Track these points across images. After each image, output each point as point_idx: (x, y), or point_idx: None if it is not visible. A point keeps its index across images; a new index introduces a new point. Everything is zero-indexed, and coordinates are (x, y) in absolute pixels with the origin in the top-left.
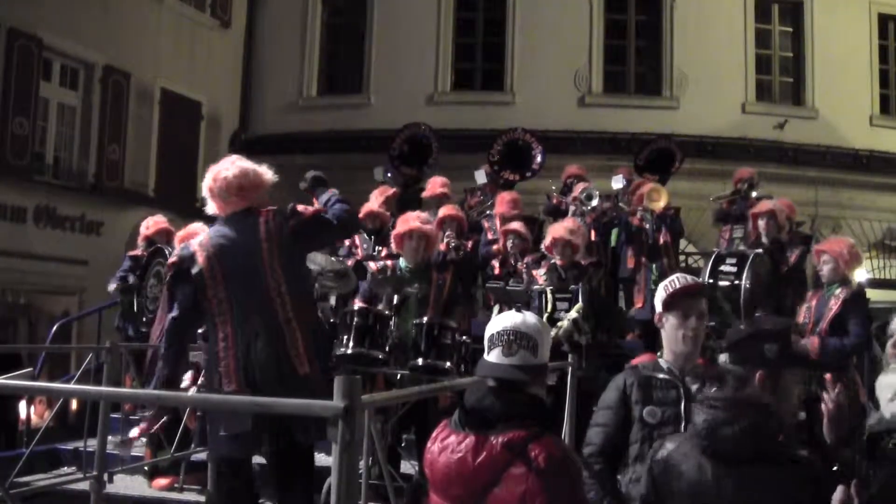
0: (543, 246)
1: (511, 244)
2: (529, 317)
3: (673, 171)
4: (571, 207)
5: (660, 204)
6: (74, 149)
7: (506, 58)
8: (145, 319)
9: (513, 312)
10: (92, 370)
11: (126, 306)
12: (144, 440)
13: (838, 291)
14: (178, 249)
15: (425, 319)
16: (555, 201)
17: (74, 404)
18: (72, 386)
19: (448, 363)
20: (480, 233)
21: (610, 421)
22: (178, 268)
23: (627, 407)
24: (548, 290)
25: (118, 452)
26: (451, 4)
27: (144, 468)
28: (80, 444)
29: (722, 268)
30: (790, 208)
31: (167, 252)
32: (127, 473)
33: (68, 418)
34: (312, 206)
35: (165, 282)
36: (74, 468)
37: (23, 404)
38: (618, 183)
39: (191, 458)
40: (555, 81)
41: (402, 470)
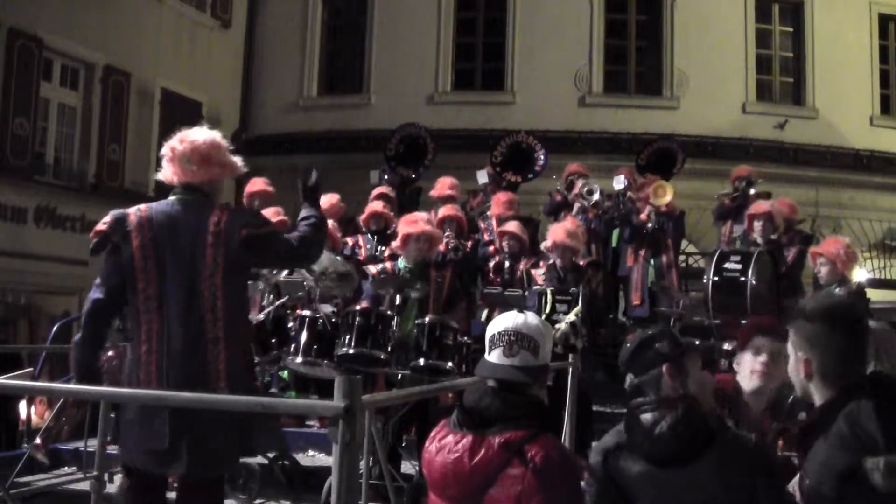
0: (544, 247)
1: (507, 245)
2: (531, 318)
3: (675, 172)
4: (577, 205)
5: (665, 200)
6: (75, 149)
7: (506, 58)
8: None
9: (514, 313)
10: None
11: None
12: None
13: (836, 291)
14: (112, 214)
15: (427, 320)
16: (559, 198)
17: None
18: (72, 386)
19: (449, 363)
20: (479, 233)
21: (598, 495)
22: (105, 239)
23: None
24: (548, 291)
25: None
26: (452, 4)
27: None
28: (81, 444)
29: (726, 265)
30: (791, 209)
31: None
32: None
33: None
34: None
35: (90, 250)
36: (75, 468)
37: (23, 404)
38: (619, 184)
39: None
40: (555, 81)
41: (403, 470)
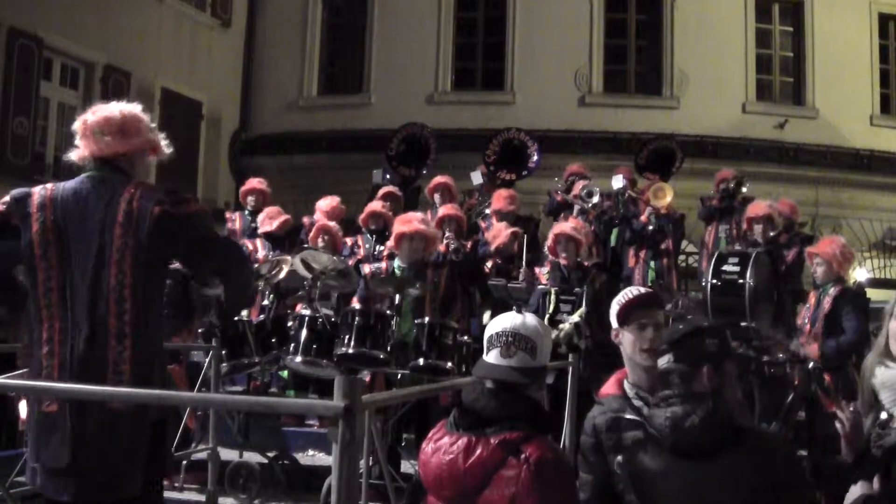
0: (546, 246)
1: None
2: (529, 318)
3: (674, 171)
4: (577, 206)
5: (665, 201)
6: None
7: (506, 57)
8: None
9: (513, 314)
10: None
11: None
12: None
13: (832, 291)
14: (12, 193)
15: (427, 320)
16: (559, 199)
17: None
18: (72, 385)
19: (449, 363)
20: (479, 233)
21: (590, 472)
22: (5, 220)
23: (602, 453)
24: (552, 291)
25: None
26: (452, 4)
27: None
28: None
29: (725, 267)
30: (792, 209)
31: None
32: None
33: None
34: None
35: None
36: None
37: (23, 404)
38: (618, 183)
39: (190, 458)
40: (555, 81)
41: (403, 470)
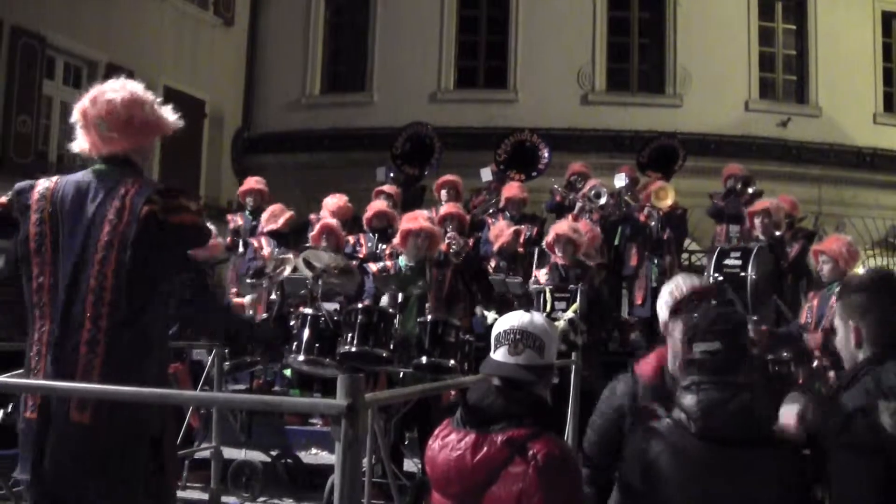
0: (545, 243)
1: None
2: (537, 317)
3: (676, 169)
4: (578, 204)
5: (667, 202)
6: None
7: (509, 55)
8: None
9: (521, 312)
10: None
11: None
12: None
13: (838, 290)
14: (17, 186)
15: (429, 318)
16: (558, 198)
17: None
18: (74, 384)
19: (452, 361)
20: (482, 230)
21: (604, 433)
22: (6, 214)
23: (621, 421)
24: (546, 290)
25: None
26: (455, 2)
27: None
28: None
29: (726, 262)
30: (792, 205)
31: None
32: None
33: None
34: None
35: None
36: None
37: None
38: (620, 181)
39: (194, 456)
40: (558, 79)
41: (406, 468)
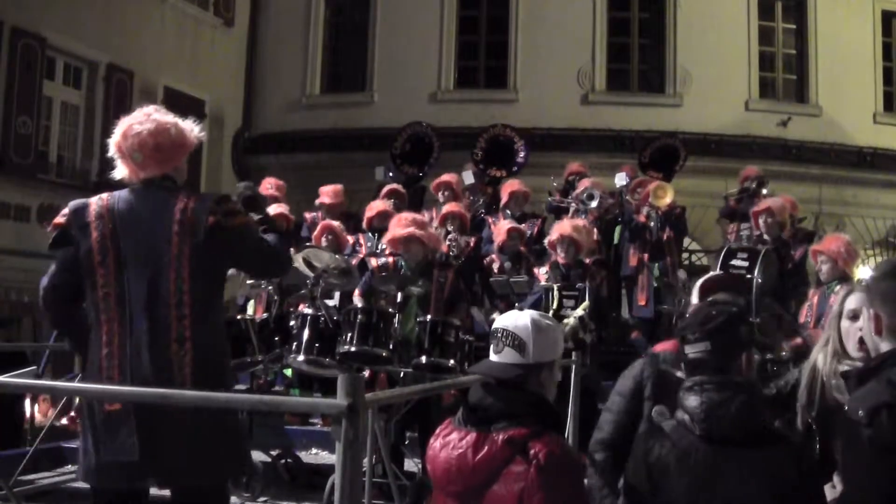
0: (547, 242)
1: (511, 242)
2: (524, 317)
3: (677, 169)
4: (572, 207)
5: (665, 201)
6: (78, 147)
7: (509, 55)
8: None
9: (513, 312)
10: None
11: None
12: None
13: (838, 288)
14: (70, 205)
15: (429, 317)
16: (556, 200)
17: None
18: (76, 384)
19: (451, 361)
20: (481, 231)
21: (621, 409)
22: (65, 232)
23: (640, 398)
24: (555, 287)
25: None
26: (455, 2)
27: None
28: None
29: (733, 262)
30: (792, 205)
31: None
32: None
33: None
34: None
35: (49, 245)
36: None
37: (27, 403)
38: (621, 180)
39: None
40: (558, 79)
41: (406, 468)
